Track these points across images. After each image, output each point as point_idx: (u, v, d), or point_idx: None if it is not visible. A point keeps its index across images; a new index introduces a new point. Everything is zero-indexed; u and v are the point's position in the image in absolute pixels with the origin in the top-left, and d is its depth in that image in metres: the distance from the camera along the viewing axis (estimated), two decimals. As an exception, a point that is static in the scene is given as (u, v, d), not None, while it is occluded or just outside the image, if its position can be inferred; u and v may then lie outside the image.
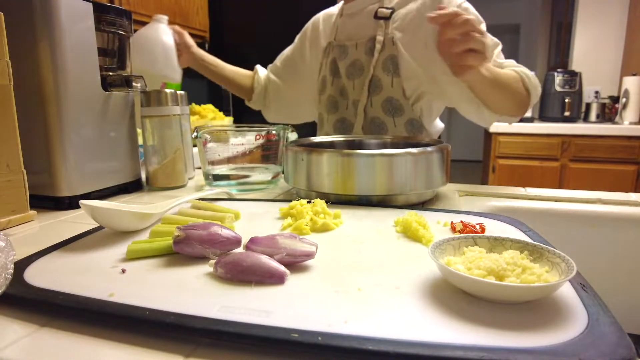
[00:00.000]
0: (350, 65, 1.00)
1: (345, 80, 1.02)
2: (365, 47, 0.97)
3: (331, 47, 1.05)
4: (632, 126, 2.57)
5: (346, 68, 1.01)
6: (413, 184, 0.66)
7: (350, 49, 1.00)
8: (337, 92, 1.05)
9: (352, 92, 1.01)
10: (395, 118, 0.98)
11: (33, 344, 0.31)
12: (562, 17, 3.55)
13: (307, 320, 0.31)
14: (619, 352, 0.27)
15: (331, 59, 1.05)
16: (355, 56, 0.99)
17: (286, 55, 1.20)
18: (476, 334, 0.29)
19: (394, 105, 0.97)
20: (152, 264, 0.42)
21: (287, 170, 0.74)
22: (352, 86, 1.01)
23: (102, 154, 0.75)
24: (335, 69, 1.04)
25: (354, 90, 1.01)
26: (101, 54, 0.74)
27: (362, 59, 0.98)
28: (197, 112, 1.75)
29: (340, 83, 1.03)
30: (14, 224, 0.60)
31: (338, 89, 1.05)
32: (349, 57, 1.00)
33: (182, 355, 0.30)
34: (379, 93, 0.97)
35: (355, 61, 0.99)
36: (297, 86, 1.18)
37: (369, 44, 0.97)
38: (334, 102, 1.06)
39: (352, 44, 1.00)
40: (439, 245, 0.40)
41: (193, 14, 2.21)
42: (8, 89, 0.59)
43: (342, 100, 1.05)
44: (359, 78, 0.99)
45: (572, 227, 0.75)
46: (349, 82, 1.01)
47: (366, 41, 0.97)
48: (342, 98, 1.05)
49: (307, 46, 1.14)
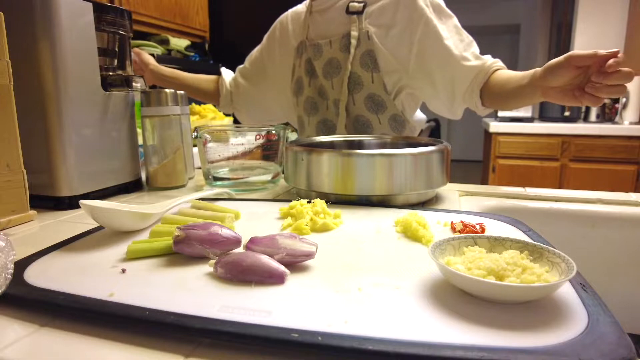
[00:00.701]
0: (326, 64, 0.98)
1: (322, 80, 1.00)
2: (339, 44, 0.95)
3: (304, 47, 1.02)
4: (632, 126, 2.57)
5: (322, 67, 0.99)
6: (413, 184, 0.66)
7: (325, 47, 0.97)
8: (316, 92, 1.03)
9: (332, 91, 0.99)
10: (378, 115, 0.97)
11: (33, 344, 0.31)
12: (562, 17, 3.55)
13: (307, 320, 0.31)
14: (619, 352, 0.27)
15: (305, 59, 1.02)
16: (331, 54, 0.97)
17: (255, 57, 1.17)
18: (476, 334, 0.29)
19: (375, 101, 0.96)
20: (152, 264, 0.42)
21: (287, 170, 0.74)
22: (330, 85, 0.99)
23: (102, 154, 0.75)
24: (311, 69, 1.01)
25: (333, 90, 0.99)
26: (101, 54, 0.74)
27: (338, 57, 0.96)
28: (197, 112, 1.75)
29: (317, 83, 1.01)
30: (14, 224, 0.60)
31: (316, 89, 1.02)
32: (324, 55, 0.98)
33: (182, 355, 0.30)
34: (360, 90, 0.95)
35: (332, 59, 0.97)
36: (267, 88, 1.16)
37: (344, 41, 0.95)
38: (313, 103, 1.04)
39: (325, 42, 0.97)
40: (439, 245, 0.40)
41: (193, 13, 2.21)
42: (8, 89, 0.59)
43: (321, 100, 1.02)
44: (337, 76, 0.97)
45: (572, 227, 0.75)
46: (327, 81, 0.99)
47: (340, 38, 0.95)
48: (321, 98, 1.02)
49: (276, 47, 1.11)
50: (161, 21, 1.97)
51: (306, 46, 1.02)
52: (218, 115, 1.80)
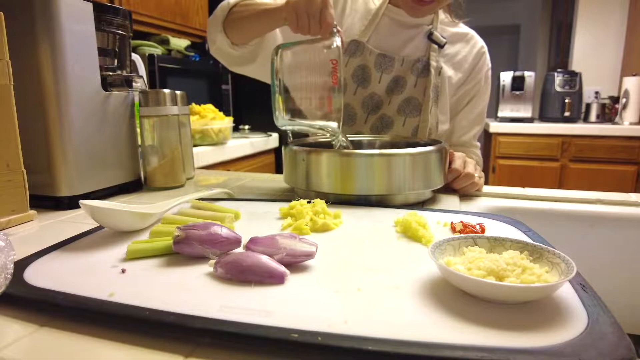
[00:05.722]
0: (392, 80, 0.93)
1: (383, 94, 0.94)
2: (412, 65, 0.92)
3: (361, 48, 0.92)
4: (632, 126, 2.57)
5: (389, 83, 0.93)
6: (411, 183, 0.66)
7: (397, 63, 0.92)
8: (359, 102, 0.95)
9: (387, 107, 0.94)
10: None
11: (33, 344, 0.31)
12: (562, 17, 3.55)
13: (307, 320, 0.31)
14: (619, 352, 0.27)
15: (360, 64, 0.92)
16: (399, 72, 0.92)
17: None
18: (476, 334, 0.29)
19: (416, 128, 0.94)
20: (152, 264, 0.42)
21: (287, 170, 0.74)
22: (388, 101, 0.94)
23: (102, 154, 0.75)
24: (365, 77, 0.93)
25: (389, 106, 0.94)
26: (101, 54, 0.74)
27: (406, 77, 0.92)
28: (197, 112, 1.75)
29: (365, 93, 0.94)
30: (14, 223, 0.60)
31: (361, 99, 0.94)
32: (394, 71, 0.92)
33: (182, 355, 0.30)
34: (415, 116, 0.93)
35: (399, 78, 0.93)
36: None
37: (418, 65, 0.92)
38: (352, 114, 0.95)
39: (399, 59, 0.92)
40: (438, 246, 0.40)
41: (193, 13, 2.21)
42: (8, 89, 0.59)
43: (362, 112, 0.95)
44: (397, 95, 0.93)
45: (572, 227, 0.75)
46: (387, 97, 0.94)
47: (415, 60, 0.92)
48: (362, 110, 0.95)
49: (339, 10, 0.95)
50: (161, 21, 1.96)
51: (364, 50, 0.92)
52: (218, 115, 1.80)
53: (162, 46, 2.00)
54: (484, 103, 1.01)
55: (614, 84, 3.10)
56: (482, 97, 1.00)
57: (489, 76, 1.01)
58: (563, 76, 2.88)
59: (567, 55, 3.35)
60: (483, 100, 1.01)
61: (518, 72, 2.89)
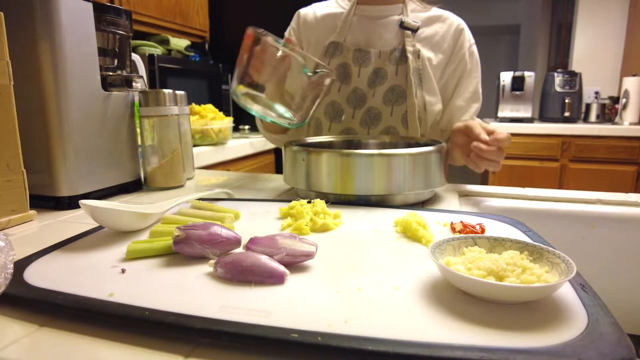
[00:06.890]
0: (372, 72, 0.96)
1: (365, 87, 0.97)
2: (389, 55, 0.95)
3: (339, 49, 0.97)
4: (632, 127, 2.57)
5: (369, 75, 0.96)
6: (411, 184, 0.66)
7: (374, 56, 0.96)
8: (344, 99, 0.99)
9: (371, 99, 0.97)
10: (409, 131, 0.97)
11: (33, 344, 0.31)
12: (562, 17, 3.55)
13: (307, 320, 0.31)
14: (619, 352, 0.27)
15: (341, 62, 0.97)
16: (378, 64, 0.95)
17: None
18: (476, 334, 0.29)
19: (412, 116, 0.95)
20: (152, 264, 0.42)
21: (287, 170, 0.74)
22: (372, 94, 0.97)
23: (102, 154, 0.75)
24: (346, 74, 0.97)
25: (373, 98, 0.97)
26: (101, 54, 0.74)
27: (386, 68, 0.95)
28: (197, 112, 1.75)
29: (349, 89, 0.98)
30: (14, 223, 0.60)
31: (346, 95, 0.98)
32: (372, 64, 0.96)
33: (182, 355, 0.30)
34: (401, 104, 0.95)
35: (379, 69, 0.95)
36: None
37: (395, 53, 0.94)
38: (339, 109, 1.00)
39: (375, 51, 0.96)
40: (438, 246, 0.40)
41: (193, 14, 2.21)
42: (8, 88, 0.59)
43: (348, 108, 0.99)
44: (380, 86, 0.96)
45: (572, 227, 0.75)
46: (370, 90, 0.97)
47: (391, 50, 0.95)
48: (348, 105, 0.99)
49: (303, 42, 1.04)
50: (161, 21, 1.96)
51: (342, 49, 0.97)
52: (218, 116, 1.80)
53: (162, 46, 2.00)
54: (476, 80, 1.00)
55: (613, 84, 3.10)
56: (472, 74, 1.00)
57: (473, 51, 1.00)
58: (563, 76, 2.87)
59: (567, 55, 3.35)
60: (475, 77, 1.00)
61: (518, 72, 2.88)
